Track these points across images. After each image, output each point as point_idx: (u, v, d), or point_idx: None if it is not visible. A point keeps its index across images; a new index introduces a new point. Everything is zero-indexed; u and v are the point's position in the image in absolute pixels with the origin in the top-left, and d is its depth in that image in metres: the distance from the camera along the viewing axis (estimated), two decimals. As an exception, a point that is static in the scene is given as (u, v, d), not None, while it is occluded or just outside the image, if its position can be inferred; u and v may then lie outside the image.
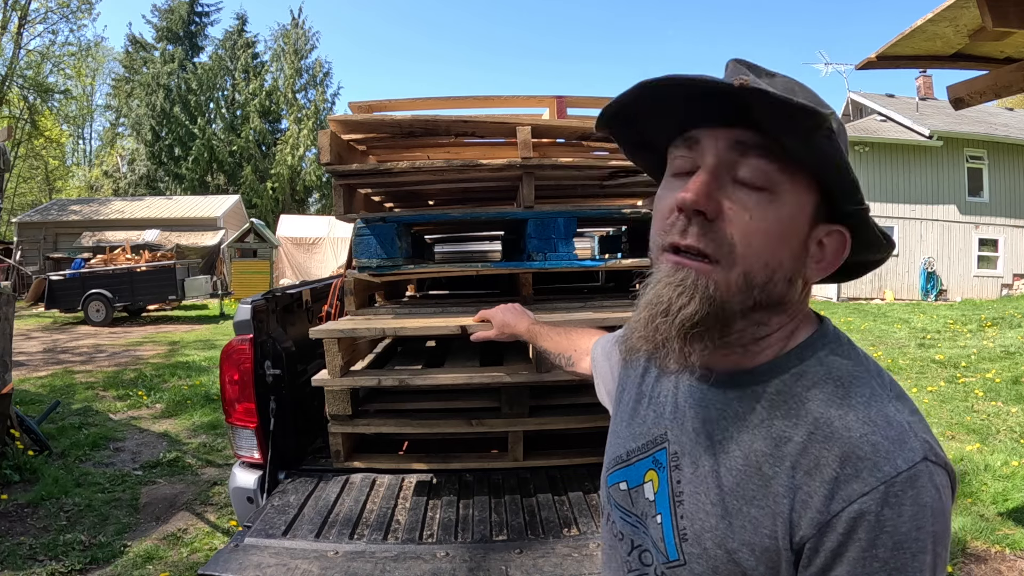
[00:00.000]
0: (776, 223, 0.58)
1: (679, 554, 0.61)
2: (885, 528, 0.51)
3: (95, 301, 11.81)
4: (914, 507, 0.51)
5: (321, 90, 31.74)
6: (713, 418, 0.63)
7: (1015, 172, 15.73)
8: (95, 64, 31.16)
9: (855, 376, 0.59)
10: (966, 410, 5.22)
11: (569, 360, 1.19)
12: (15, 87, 23.60)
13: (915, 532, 0.51)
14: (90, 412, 5.54)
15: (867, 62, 2.83)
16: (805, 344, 0.62)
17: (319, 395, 2.08)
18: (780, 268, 0.59)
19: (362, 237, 2.14)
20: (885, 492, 0.51)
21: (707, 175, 0.58)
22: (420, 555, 1.64)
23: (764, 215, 0.57)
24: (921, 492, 0.51)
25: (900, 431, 0.54)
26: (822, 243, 0.61)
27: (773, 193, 0.58)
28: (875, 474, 0.52)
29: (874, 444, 0.53)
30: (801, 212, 0.59)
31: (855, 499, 0.52)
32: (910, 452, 0.53)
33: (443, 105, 2.82)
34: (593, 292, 3.36)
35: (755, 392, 0.61)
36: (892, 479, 0.51)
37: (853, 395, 0.57)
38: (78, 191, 31.41)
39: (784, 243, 0.58)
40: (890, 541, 0.50)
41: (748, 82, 0.52)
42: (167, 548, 3.08)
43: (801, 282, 0.62)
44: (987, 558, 2.87)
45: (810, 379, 0.59)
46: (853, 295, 15.37)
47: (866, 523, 0.51)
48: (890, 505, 0.51)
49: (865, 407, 0.56)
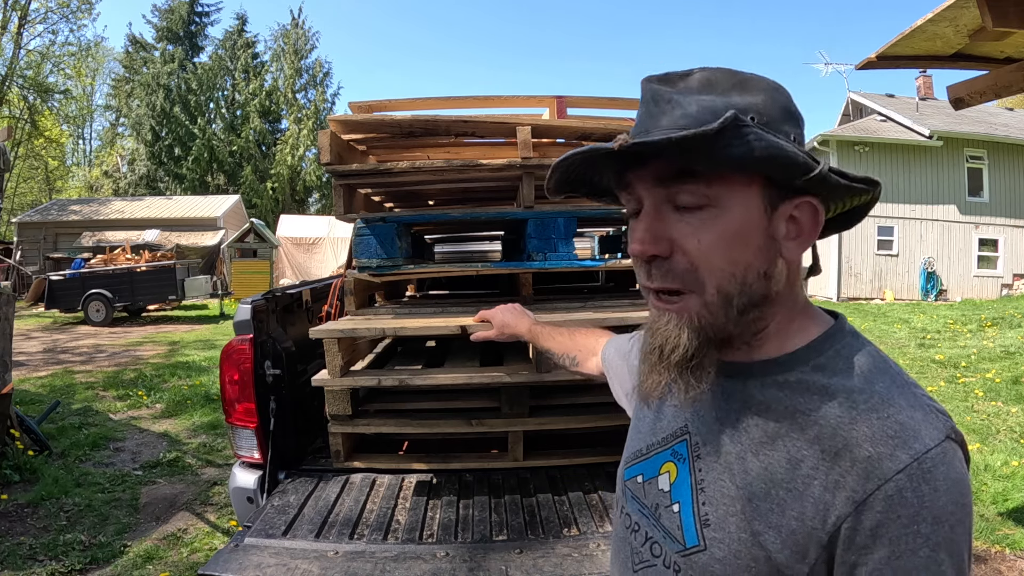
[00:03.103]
0: (728, 233, 0.59)
1: (699, 540, 0.62)
2: (925, 504, 0.52)
3: (95, 301, 11.81)
4: (947, 481, 0.53)
5: (321, 90, 31.76)
6: (736, 408, 0.64)
7: (1015, 172, 15.73)
8: (95, 64, 31.18)
9: (875, 366, 0.60)
10: (966, 410, 5.22)
11: (574, 360, 1.18)
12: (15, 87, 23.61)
13: (951, 506, 0.52)
14: (90, 412, 5.54)
15: (867, 62, 2.83)
16: (824, 337, 0.63)
17: (319, 395, 2.08)
18: (749, 269, 0.60)
19: (362, 237, 2.14)
20: (919, 468, 0.53)
21: (647, 219, 0.61)
22: (420, 555, 1.64)
23: (713, 231, 0.59)
24: (950, 468, 0.53)
25: (924, 411, 0.56)
26: (793, 217, 0.61)
27: (715, 207, 0.59)
28: (907, 451, 0.53)
29: (902, 423, 0.55)
30: (750, 210, 0.60)
31: (890, 477, 0.53)
32: (935, 431, 0.55)
33: (443, 105, 2.82)
34: (593, 292, 3.36)
35: (776, 381, 0.62)
36: (923, 455, 0.53)
37: (876, 381, 0.59)
38: (78, 191, 31.42)
39: (744, 245, 0.60)
40: (930, 516, 0.52)
41: (624, 142, 0.56)
42: (167, 548, 3.08)
43: (781, 265, 0.62)
44: (987, 558, 2.87)
45: (831, 370, 0.61)
46: (853, 295, 15.37)
47: (904, 500, 0.52)
48: (926, 481, 0.52)
49: (888, 391, 0.58)
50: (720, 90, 0.59)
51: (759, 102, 0.59)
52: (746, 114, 0.56)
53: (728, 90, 0.59)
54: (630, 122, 2.55)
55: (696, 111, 0.57)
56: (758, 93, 0.59)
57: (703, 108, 0.57)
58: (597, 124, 2.39)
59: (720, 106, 0.57)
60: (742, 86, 0.60)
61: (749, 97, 0.59)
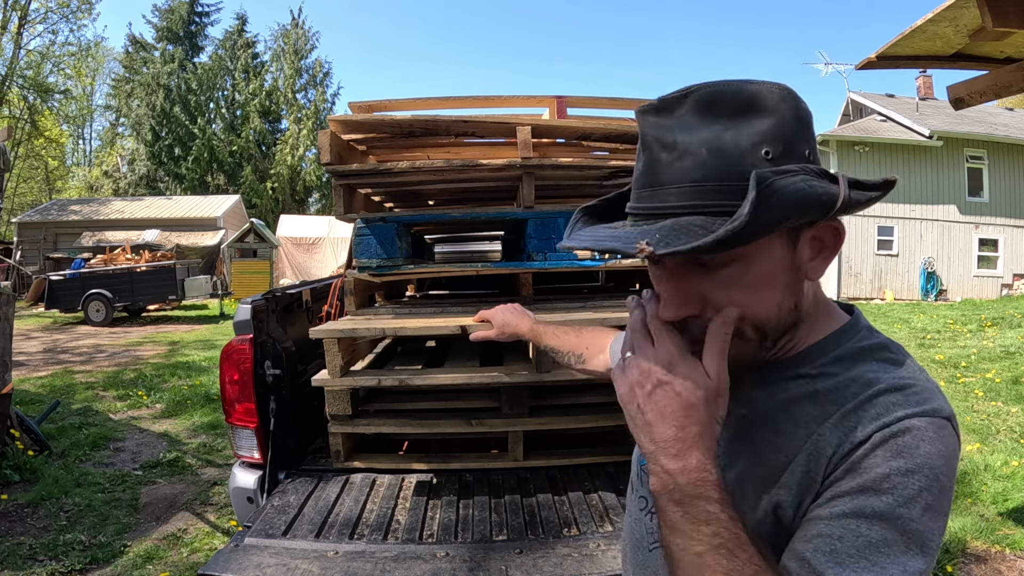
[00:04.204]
0: (758, 283, 0.59)
1: None
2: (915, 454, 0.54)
3: (95, 301, 11.81)
4: (947, 449, 0.56)
5: (321, 90, 31.75)
6: (760, 399, 0.66)
7: (1015, 172, 15.73)
8: (95, 64, 31.17)
9: (892, 357, 0.63)
10: (966, 410, 5.22)
11: (580, 358, 1.18)
12: (15, 87, 23.60)
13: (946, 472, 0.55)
14: (90, 412, 5.54)
15: (867, 62, 2.83)
16: (841, 331, 0.66)
17: (319, 395, 2.08)
18: (781, 306, 0.61)
19: (362, 237, 2.14)
20: (933, 417, 0.56)
21: (673, 281, 0.60)
22: (420, 555, 1.64)
23: (743, 284, 0.59)
24: (950, 440, 0.57)
25: (934, 393, 0.59)
26: (816, 237, 0.62)
27: (741, 261, 0.58)
28: (922, 405, 0.57)
29: (921, 383, 0.59)
30: (775, 256, 0.59)
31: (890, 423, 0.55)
32: (946, 406, 0.58)
33: (443, 105, 2.82)
34: (593, 292, 3.36)
35: (799, 373, 0.64)
36: (936, 410, 0.57)
37: (892, 366, 0.62)
38: (78, 191, 31.40)
39: (773, 288, 0.60)
40: (931, 449, 0.55)
41: (648, 250, 0.52)
42: (167, 548, 3.08)
43: (808, 287, 0.64)
44: (987, 558, 2.87)
45: (851, 359, 0.63)
46: (853, 295, 15.37)
47: (916, 429, 0.55)
48: (936, 427, 0.56)
49: (904, 370, 0.61)
50: (727, 114, 0.56)
51: (771, 126, 0.55)
52: (761, 148, 0.54)
53: (735, 114, 0.56)
54: (630, 122, 2.56)
55: (707, 157, 0.55)
56: (768, 114, 0.56)
57: (714, 151, 0.55)
58: (597, 124, 2.39)
59: (730, 144, 0.54)
60: (749, 106, 0.56)
61: (759, 122, 0.55)
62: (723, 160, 0.54)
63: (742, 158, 0.54)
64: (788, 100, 0.57)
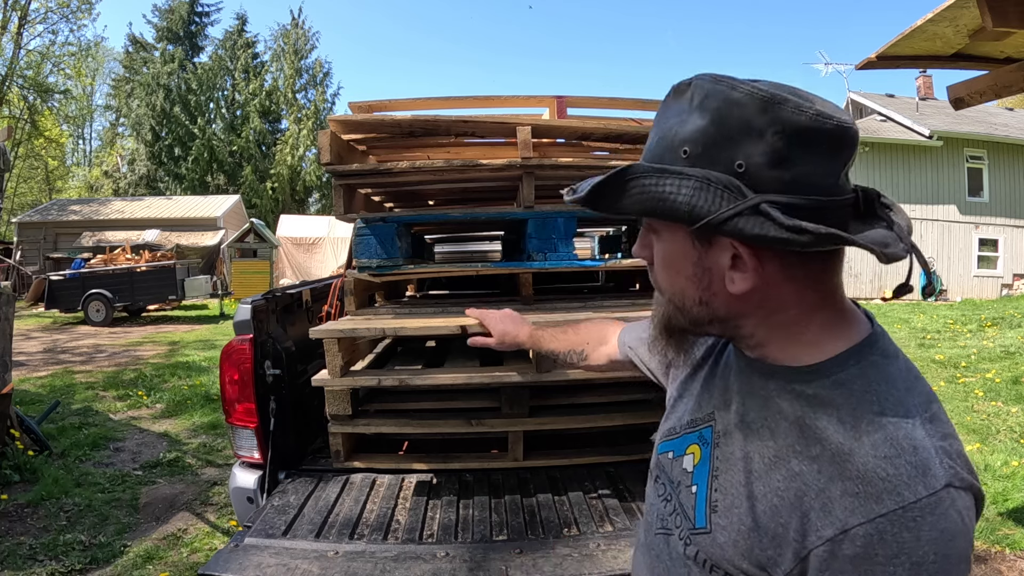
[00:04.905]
0: (665, 259, 0.66)
1: (707, 523, 0.66)
2: (904, 549, 0.52)
3: (95, 301, 11.81)
4: (933, 532, 0.52)
5: (321, 90, 31.74)
6: (756, 407, 0.66)
7: (1015, 172, 15.72)
8: (95, 64, 31.19)
9: (892, 394, 0.59)
10: (966, 410, 5.22)
11: (582, 354, 1.18)
12: (15, 87, 23.60)
13: (933, 555, 0.52)
14: (90, 412, 5.54)
15: (867, 62, 2.83)
16: (850, 352, 0.62)
17: (319, 395, 2.08)
18: (685, 295, 0.66)
19: (362, 237, 2.14)
20: (903, 516, 0.52)
21: (641, 231, 0.71)
22: (420, 555, 1.64)
23: (658, 254, 0.68)
24: (941, 519, 0.53)
25: (926, 457, 0.55)
26: (737, 253, 0.60)
27: (655, 233, 0.67)
28: (895, 498, 0.53)
29: (897, 468, 0.54)
30: (676, 242, 0.64)
31: (874, 518, 0.53)
32: (932, 479, 0.54)
33: (443, 105, 2.82)
34: (593, 292, 3.36)
35: (795, 391, 0.62)
36: (911, 504, 0.53)
37: (887, 412, 0.58)
38: (78, 191, 31.43)
39: (677, 272, 0.65)
40: (908, 562, 0.52)
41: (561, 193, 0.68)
42: (167, 548, 3.08)
43: (727, 296, 0.62)
44: (987, 558, 2.87)
45: (848, 390, 0.60)
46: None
47: (884, 542, 0.53)
48: (909, 529, 0.52)
49: (895, 428, 0.57)
50: (688, 109, 0.60)
51: (699, 129, 0.58)
52: (683, 146, 0.59)
53: (693, 110, 0.59)
54: (630, 122, 2.56)
55: (655, 143, 0.63)
56: (705, 116, 0.58)
57: (661, 139, 0.62)
58: (597, 124, 2.39)
59: (670, 136, 0.61)
60: (701, 105, 0.59)
61: (694, 122, 0.59)
62: (661, 148, 0.62)
63: (670, 149, 0.61)
64: (742, 104, 0.56)
